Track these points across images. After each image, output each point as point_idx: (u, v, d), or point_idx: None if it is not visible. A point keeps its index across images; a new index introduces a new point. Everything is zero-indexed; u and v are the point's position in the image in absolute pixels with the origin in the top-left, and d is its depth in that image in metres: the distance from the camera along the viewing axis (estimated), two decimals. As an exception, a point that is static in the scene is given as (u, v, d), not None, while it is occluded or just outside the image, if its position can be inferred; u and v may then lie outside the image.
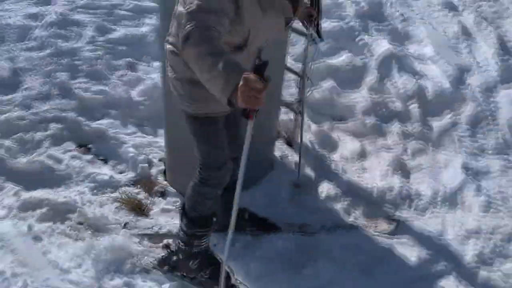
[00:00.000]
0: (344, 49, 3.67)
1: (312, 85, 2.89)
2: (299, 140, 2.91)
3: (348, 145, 3.00)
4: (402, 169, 2.81)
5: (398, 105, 3.24)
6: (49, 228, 2.33)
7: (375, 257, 2.32)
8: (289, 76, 2.94)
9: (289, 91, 3.17)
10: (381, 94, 3.32)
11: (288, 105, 2.91)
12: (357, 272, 2.22)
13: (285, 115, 3.10)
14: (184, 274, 2.10)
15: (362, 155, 2.94)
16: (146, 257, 2.22)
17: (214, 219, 1.98)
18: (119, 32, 3.78)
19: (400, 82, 3.37)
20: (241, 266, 2.18)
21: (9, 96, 3.10)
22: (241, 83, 1.12)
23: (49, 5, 4.06)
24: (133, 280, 2.12)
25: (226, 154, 1.82)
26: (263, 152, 2.65)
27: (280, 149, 2.96)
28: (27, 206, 2.43)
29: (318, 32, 2.14)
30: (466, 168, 2.78)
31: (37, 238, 2.26)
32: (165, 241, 2.32)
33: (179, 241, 2.04)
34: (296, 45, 3.56)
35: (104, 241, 2.26)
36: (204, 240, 2.01)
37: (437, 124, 3.12)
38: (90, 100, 3.16)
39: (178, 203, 2.56)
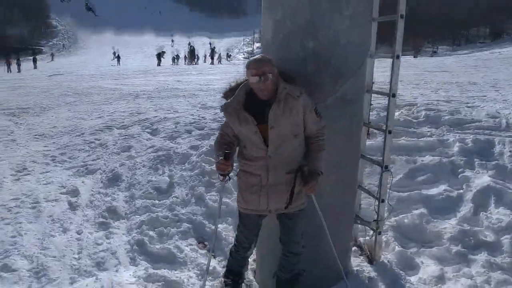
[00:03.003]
0: (442, 181, 3.87)
1: (392, 210, 3.21)
2: (379, 259, 3.16)
3: (428, 270, 3.07)
4: (479, 298, 2.73)
5: (489, 237, 3.19)
6: (159, 296, 3.05)
7: None
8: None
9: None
10: (472, 225, 3.34)
11: (366, 224, 3.23)
12: None
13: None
14: None
15: (441, 280, 2.96)
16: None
17: (237, 279, 2.79)
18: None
19: (496, 215, 3.35)
20: None
21: (162, 201, 4.24)
22: (217, 160, 2.40)
23: (206, 140, 5.46)
24: None
25: (248, 243, 2.69)
26: (335, 261, 3.00)
27: (359, 264, 3.21)
28: (150, 279, 3.22)
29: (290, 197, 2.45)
30: (554, 307, 2.55)
31: (149, 302, 3.00)
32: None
33: None
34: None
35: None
36: None
37: (532, 261, 2.95)
38: (215, 208, 4.05)
39: (258, 296, 3.03)
